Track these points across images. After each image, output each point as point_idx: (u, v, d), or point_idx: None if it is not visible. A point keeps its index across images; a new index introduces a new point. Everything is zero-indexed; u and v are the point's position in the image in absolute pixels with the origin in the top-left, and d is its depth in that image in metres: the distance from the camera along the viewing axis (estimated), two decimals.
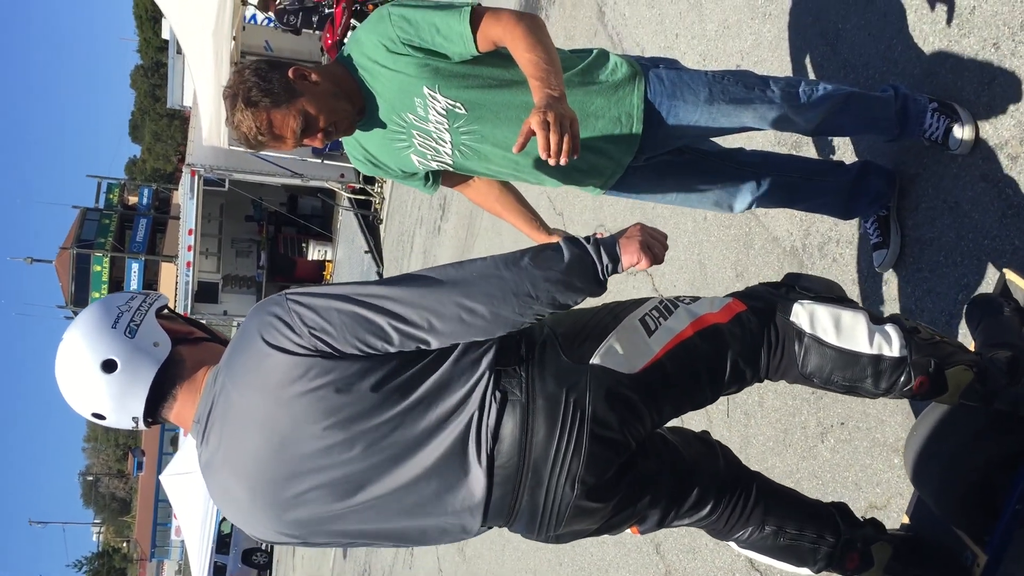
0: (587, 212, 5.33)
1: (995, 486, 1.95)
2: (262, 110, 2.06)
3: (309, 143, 2.17)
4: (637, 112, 2.22)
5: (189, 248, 15.85)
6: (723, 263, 3.63)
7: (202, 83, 12.46)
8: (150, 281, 24.32)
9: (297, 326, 1.66)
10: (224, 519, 24.47)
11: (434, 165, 2.33)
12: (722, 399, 3.64)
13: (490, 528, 1.80)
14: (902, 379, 1.83)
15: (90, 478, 79.15)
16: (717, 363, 1.81)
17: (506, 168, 2.30)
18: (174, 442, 45.81)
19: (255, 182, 14.77)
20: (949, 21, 2.46)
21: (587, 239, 1.72)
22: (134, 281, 24.02)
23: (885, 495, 2.53)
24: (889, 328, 1.84)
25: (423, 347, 1.69)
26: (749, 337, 1.82)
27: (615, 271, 1.71)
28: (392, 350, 1.68)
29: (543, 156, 1.75)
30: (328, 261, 19.46)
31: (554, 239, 2.38)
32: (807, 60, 3.10)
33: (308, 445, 1.67)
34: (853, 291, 2.81)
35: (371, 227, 14.23)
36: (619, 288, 4.53)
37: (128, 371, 1.68)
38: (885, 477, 2.55)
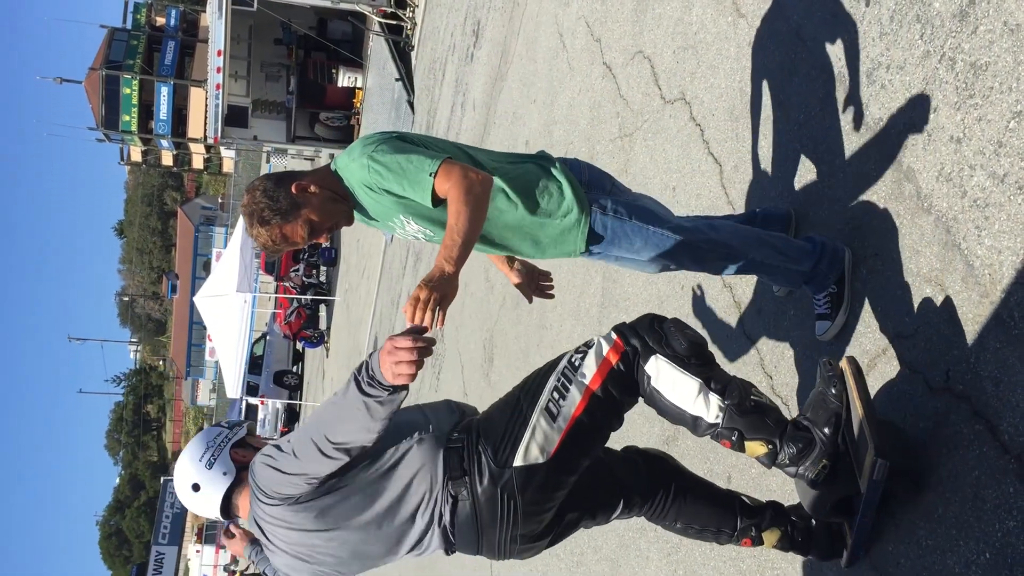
0: (625, 38, 5.18)
1: (851, 500, 2.50)
2: (275, 226, 2.59)
3: (316, 241, 2.69)
4: (578, 248, 2.72)
5: (218, 70, 15.67)
6: (764, 91, 3.52)
7: None
8: (179, 107, 23.92)
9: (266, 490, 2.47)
10: (257, 341, 25.20)
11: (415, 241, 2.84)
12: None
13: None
14: (712, 436, 2.44)
15: (126, 299, 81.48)
16: (613, 409, 2.46)
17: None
18: (206, 267, 46.72)
19: (284, 3, 14.41)
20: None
21: (361, 367, 2.24)
22: (164, 105, 23.61)
23: (913, 325, 2.54)
24: (713, 397, 2.40)
25: (312, 481, 2.38)
26: (626, 384, 2.45)
27: (380, 383, 2.19)
28: (294, 491, 2.40)
29: (408, 323, 2.18)
30: (358, 88, 19.15)
31: (513, 274, 3.10)
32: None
33: (308, 538, 2.47)
34: (901, 119, 2.73)
35: (402, 54, 13.93)
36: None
37: (206, 492, 2.60)
38: (916, 305, 2.55)
